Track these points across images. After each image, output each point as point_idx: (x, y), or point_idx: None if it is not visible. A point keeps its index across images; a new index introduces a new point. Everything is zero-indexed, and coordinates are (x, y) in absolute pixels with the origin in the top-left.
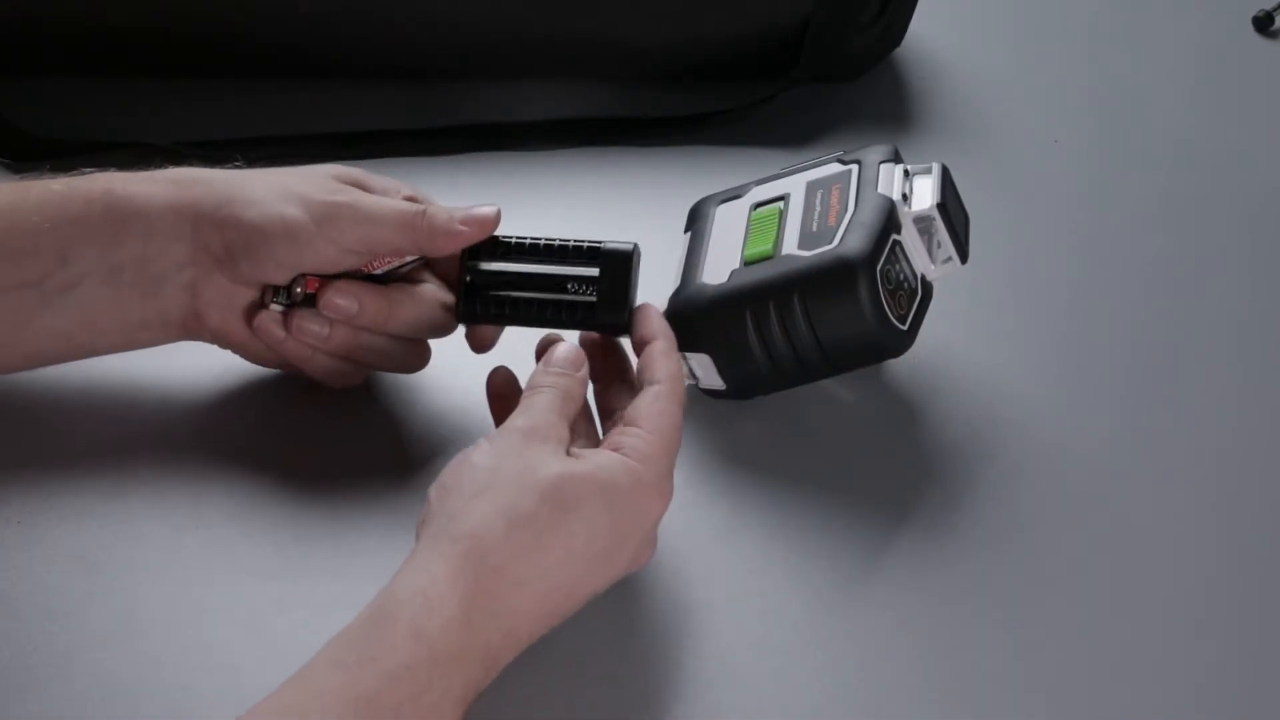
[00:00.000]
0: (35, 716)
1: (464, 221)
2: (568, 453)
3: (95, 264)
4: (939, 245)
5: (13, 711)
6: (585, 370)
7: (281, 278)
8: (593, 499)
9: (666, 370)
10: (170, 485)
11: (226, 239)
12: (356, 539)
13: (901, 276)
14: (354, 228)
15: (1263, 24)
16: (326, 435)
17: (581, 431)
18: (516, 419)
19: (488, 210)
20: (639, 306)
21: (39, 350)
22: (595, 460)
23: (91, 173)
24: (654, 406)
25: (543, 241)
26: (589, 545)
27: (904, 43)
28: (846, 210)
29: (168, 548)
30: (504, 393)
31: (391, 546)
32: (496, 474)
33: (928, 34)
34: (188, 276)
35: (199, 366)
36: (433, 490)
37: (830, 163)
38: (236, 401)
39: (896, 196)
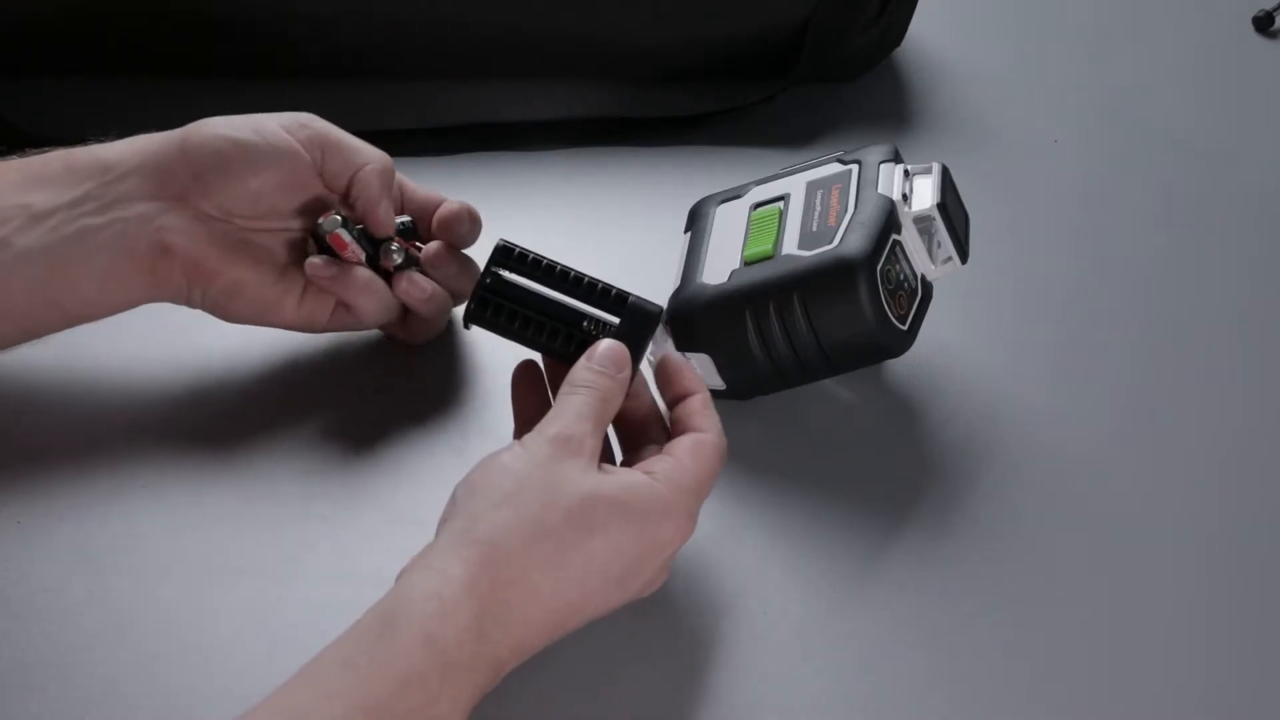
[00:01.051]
0: (35, 716)
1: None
2: (599, 467)
3: (55, 202)
4: (939, 245)
5: (13, 711)
6: (627, 373)
7: (255, 201)
8: (617, 521)
9: (715, 425)
10: (170, 485)
11: (194, 163)
12: (356, 541)
13: (901, 276)
14: (338, 155)
15: (1263, 24)
16: (327, 438)
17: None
18: (551, 425)
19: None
20: (667, 356)
21: (9, 309)
22: (623, 480)
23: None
24: (699, 450)
25: (573, 273)
26: (607, 566)
27: (904, 43)
28: (846, 210)
29: (168, 548)
30: (528, 386)
31: (392, 550)
32: (525, 481)
33: (928, 34)
34: (150, 209)
35: (200, 367)
36: (460, 488)
37: (830, 163)
38: (237, 403)
39: (896, 196)
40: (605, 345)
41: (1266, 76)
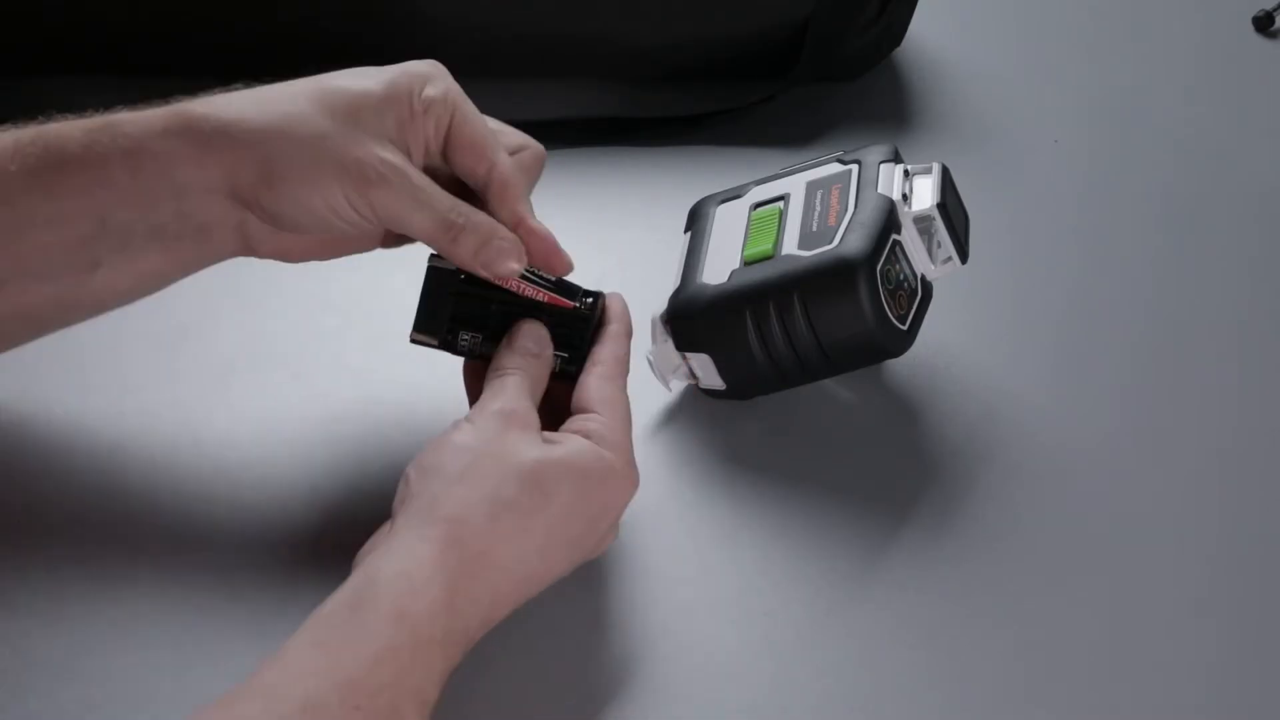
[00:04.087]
0: (35, 716)
1: (491, 261)
2: (543, 437)
3: (136, 225)
4: (939, 245)
5: (13, 711)
6: (549, 352)
7: (315, 228)
8: (570, 485)
9: (612, 352)
10: (170, 485)
11: (267, 206)
12: (358, 542)
13: (901, 276)
14: (394, 202)
15: (1263, 24)
16: (327, 437)
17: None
18: (493, 401)
19: (511, 264)
20: (612, 294)
21: (102, 302)
22: (570, 446)
23: (91, 116)
24: (603, 391)
25: (529, 300)
26: (565, 530)
27: (904, 43)
28: (846, 210)
29: (168, 548)
30: (480, 373)
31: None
32: (479, 457)
33: (928, 34)
34: (234, 220)
35: (199, 369)
36: (411, 470)
37: (830, 163)
38: (237, 402)
39: (896, 196)
40: (525, 329)
41: (1266, 76)
